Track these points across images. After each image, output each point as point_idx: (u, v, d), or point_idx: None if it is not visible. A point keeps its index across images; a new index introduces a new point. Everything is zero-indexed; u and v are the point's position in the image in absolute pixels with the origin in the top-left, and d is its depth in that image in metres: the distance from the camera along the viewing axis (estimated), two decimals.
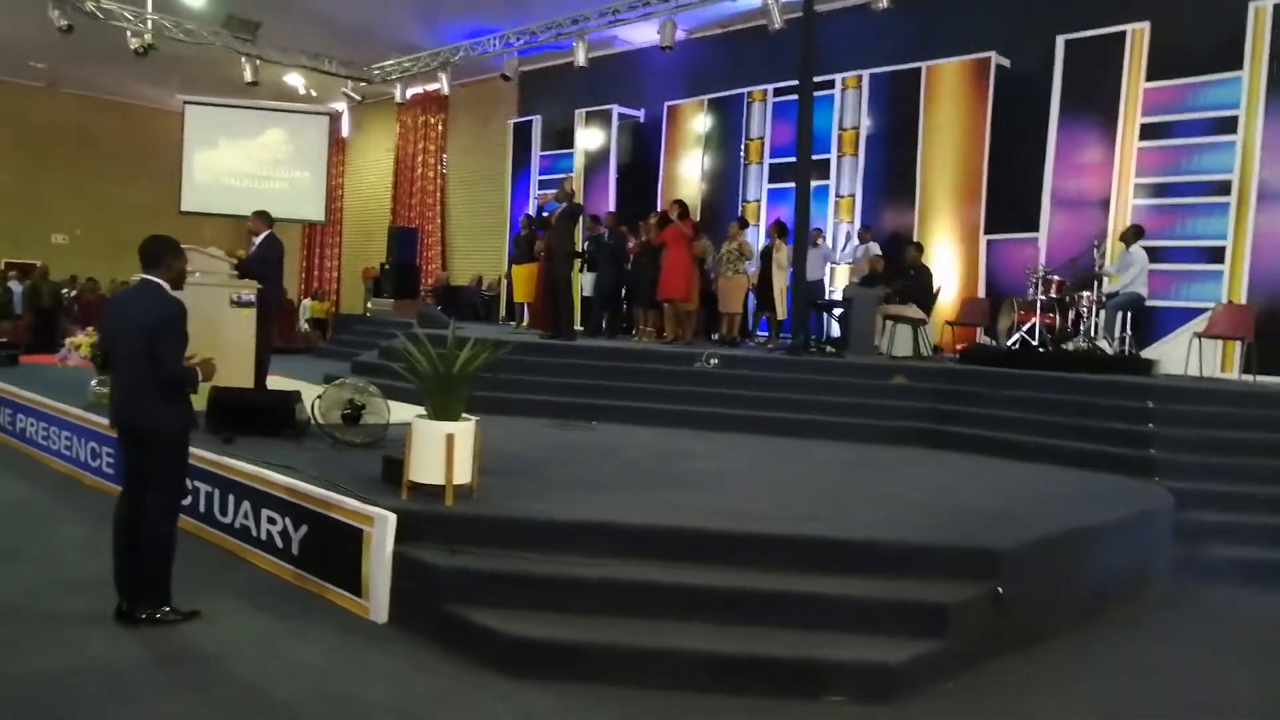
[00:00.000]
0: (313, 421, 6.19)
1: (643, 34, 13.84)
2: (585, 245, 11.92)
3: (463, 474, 4.43)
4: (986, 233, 11.05)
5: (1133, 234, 9.20)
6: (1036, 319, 9.26)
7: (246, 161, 18.44)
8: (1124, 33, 10.07)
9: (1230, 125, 9.40)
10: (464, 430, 4.42)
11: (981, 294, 10.98)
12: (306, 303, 19.03)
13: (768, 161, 13.05)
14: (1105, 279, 9.36)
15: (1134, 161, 9.98)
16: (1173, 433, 6.67)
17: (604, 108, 14.89)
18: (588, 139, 15.07)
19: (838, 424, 7.74)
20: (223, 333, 6.61)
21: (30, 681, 3.45)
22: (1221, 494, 6.18)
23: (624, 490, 5.11)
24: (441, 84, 16.02)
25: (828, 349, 9.54)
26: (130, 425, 3.97)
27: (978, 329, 10.70)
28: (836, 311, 11.31)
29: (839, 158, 12.32)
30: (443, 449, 4.32)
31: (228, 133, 18.49)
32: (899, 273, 10.91)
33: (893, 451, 7.21)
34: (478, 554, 4.12)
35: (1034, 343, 9.17)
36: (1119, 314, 9.19)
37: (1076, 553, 4.88)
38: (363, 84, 17.18)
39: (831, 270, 12.06)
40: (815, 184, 12.24)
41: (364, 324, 14.59)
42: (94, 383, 7.12)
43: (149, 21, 14.39)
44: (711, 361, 8.52)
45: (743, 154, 13.30)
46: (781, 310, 10.77)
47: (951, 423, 7.63)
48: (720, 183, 13.65)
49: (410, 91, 17.90)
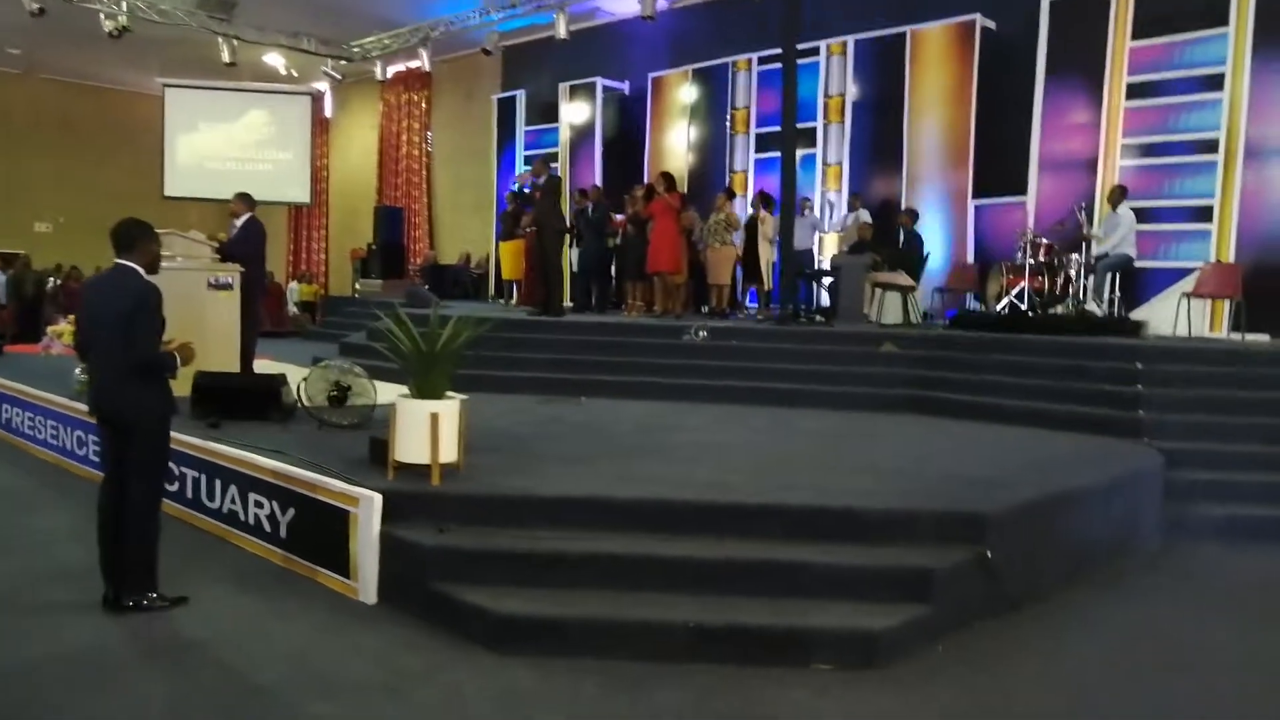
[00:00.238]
0: (299, 404, 6.16)
1: (625, 4, 13.67)
2: (572, 219, 11.82)
3: (448, 453, 4.40)
4: (974, 197, 11.00)
5: (1118, 194, 9.16)
6: (1025, 283, 9.24)
7: (229, 144, 18.26)
8: None
9: (1217, 83, 9.33)
10: (448, 409, 4.39)
11: (970, 259, 10.95)
12: (294, 285, 18.91)
13: (754, 131, 12.95)
14: (1094, 242, 9.33)
15: (1121, 122, 9.91)
16: (1161, 393, 6.68)
17: (588, 81, 14.74)
18: (572, 113, 14.94)
19: (827, 393, 7.75)
20: (204, 317, 6.56)
21: (16, 670, 3.44)
22: (1210, 453, 6.19)
23: (610, 464, 5.10)
24: (422, 60, 15.83)
25: (817, 318, 9.52)
26: (109, 413, 3.94)
27: (967, 294, 10.68)
28: (826, 281, 11.29)
29: (825, 126, 12.23)
30: (427, 428, 4.29)
31: (209, 115, 18.30)
32: (889, 240, 10.88)
33: (882, 419, 7.21)
34: (464, 532, 4.11)
35: (1023, 307, 9.17)
36: (1108, 276, 9.19)
37: (1064, 515, 4.89)
38: (343, 62, 16.97)
39: (820, 239, 12.01)
40: (802, 153, 12.15)
41: (353, 305, 14.52)
42: (78, 371, 7.06)
43: (123, 3, 14.17)
44: (700, 334, 8.50)
45: (729, 124, 13.19)
46: (768, 281, 10.73)
47: (941, 389, 7.63)
48: (707, 154, 13.55)
49: (392, 69, 17.71)
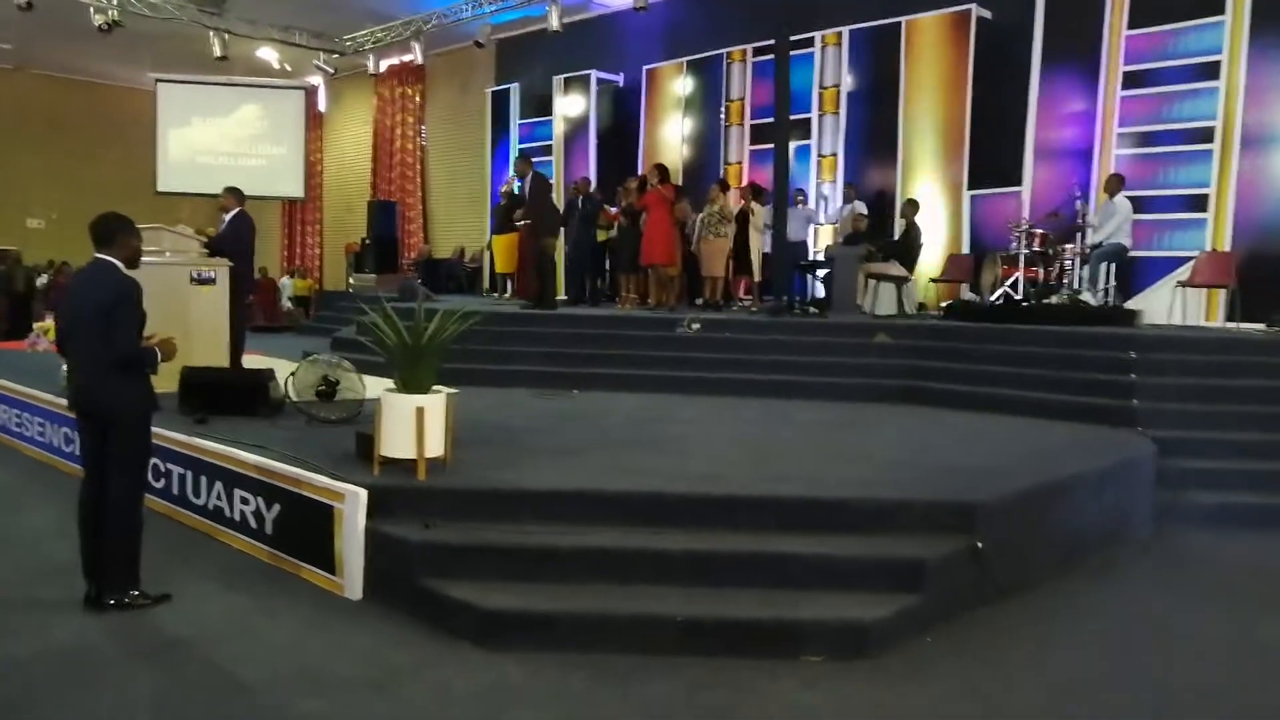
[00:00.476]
0: (287, 399, 6.11)
1: None
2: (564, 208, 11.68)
3: (434, 447, 4.36)
4: (970, 188, 10.95)
5: (1115, 184, 9.10)
6: (1020, 273, 9.20)
7: (222, 139, 18.17)
8: None
9: (1213, 71, 9.28)
10: (435, 403, 4.34)
11: (965, 250, 10.90)
12: (286, 280, 18.83)
13: (749, 123, 12.89)
14: (1089, 230, 9.29)
15: (1116, 111, 9.87)
16: (1155, 382, 6.66)
17: (582, 73, 14.66)
18: (567, 105, 14.86)
19: (821, 384, 7.71)
20: (190, 312, 6.50)
21: (1, 669, 3.40)
22: (1203, 441, 6.17)
23: (600, 457, 5.06)
24: (415, 53, 15.74)
25: (811, 309, 9.47)
26: (89, 408, 3.89)
27: (962, 285, 10.63)
28: (820, 272, 11.23)
29: (820, 116, 12.17)
30: (413, 423, 4.25)
31: (201, 110, 18.20)
32: (885, 230, 10.82)
33: (876, 410, 7.17)
34: (451, 527, 4.06)
35: (1017, 297, 9.12)
36: (1103, 265, 9.14)
37: (1056, 504, 4.86)
38: (335, 55, 16.86)
39: (815, 231, 11.96)
40: (797, 144, 12.12)
41: (347, 300, 14.48)
42: (64, 367, 7.01)
43: None
44: (694, 326, 8.45)
45: (723, 116, 13.12)
46: (758, 272, 10.67)
47: (935, 379, 7.60)
48: (702, 145, 13.48)
49: (386, 63, 17.60)
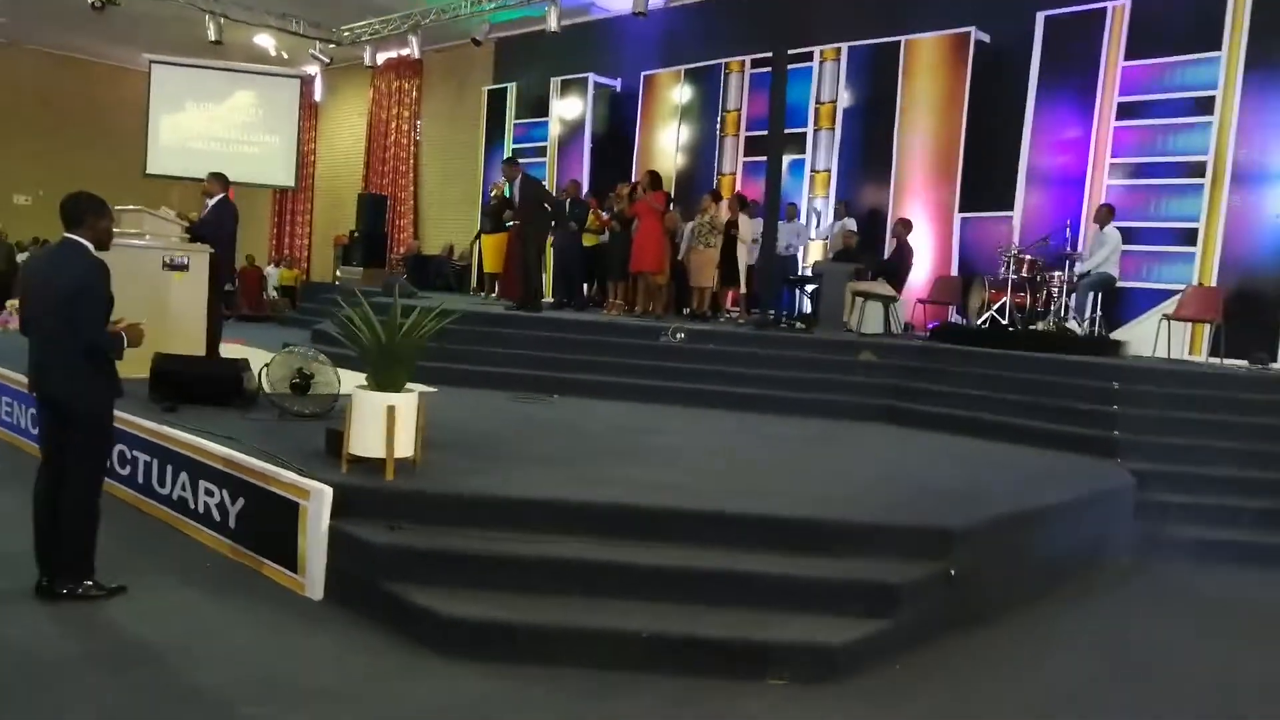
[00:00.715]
0: (261, 391, 6.01)
1: (620, 0, 13.54)
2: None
3: (404, 447, 4.28)
4: (961, 210, 10.93)
5: (1105, 214, 9.11)
6: (1007, 298, 9.19)
7: (214, 124, 18.00)
8: (1104, 9, 9.94)
9: (1207, 106, 9.30)
10: (406, 402, 4.26)
11: (954, 272, 10.88)
12: (272, 269, 18.67)
13: (744, 134, 12.85)
14: (1079, 259, 9.29)
15: (1110, 141, 9.89)
16: (1137, 414, 6.63)
17: (580, 76, 14.61)
18: (563, 108, 14.80)
19: (804, 400, 7.67)
20: (167, 298, 6.39)
21: None
22: (1183, 475, 6.15)
23: (574, 465, 4.99)
24: (412, 47, 15.65)
25: (797, 324, 9.43)
26: (49, 394, 3.77)
27: (949, 307, 10.62)
28: (809, 287, 11.20)
29: (815, 131, 12.14)
30: (383, 421, 4.17)
31: (195, 95, 18.03)
32: (876, 248, 10.79)
33: (857, 428, 7.13)
34: (417, 530, 3.98)
35: (1004, 322, 9.11)
36: (1090, 294, 9.14)
37: (1032, 532, 4.83)
38: (332, 46, 16.73)
39: (806, 246, 11.93)
40: (791, 158, 12.09)
41: (332, 292, 14.32)
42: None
43: None
44: (678, 335, 8.40)
45: (719, 126, 13.09)
46: (744, 284, 10.62)
47: (918, 400, 7.57)
48: (696, 155, 13.43)
49: (383, 56, 17.49)
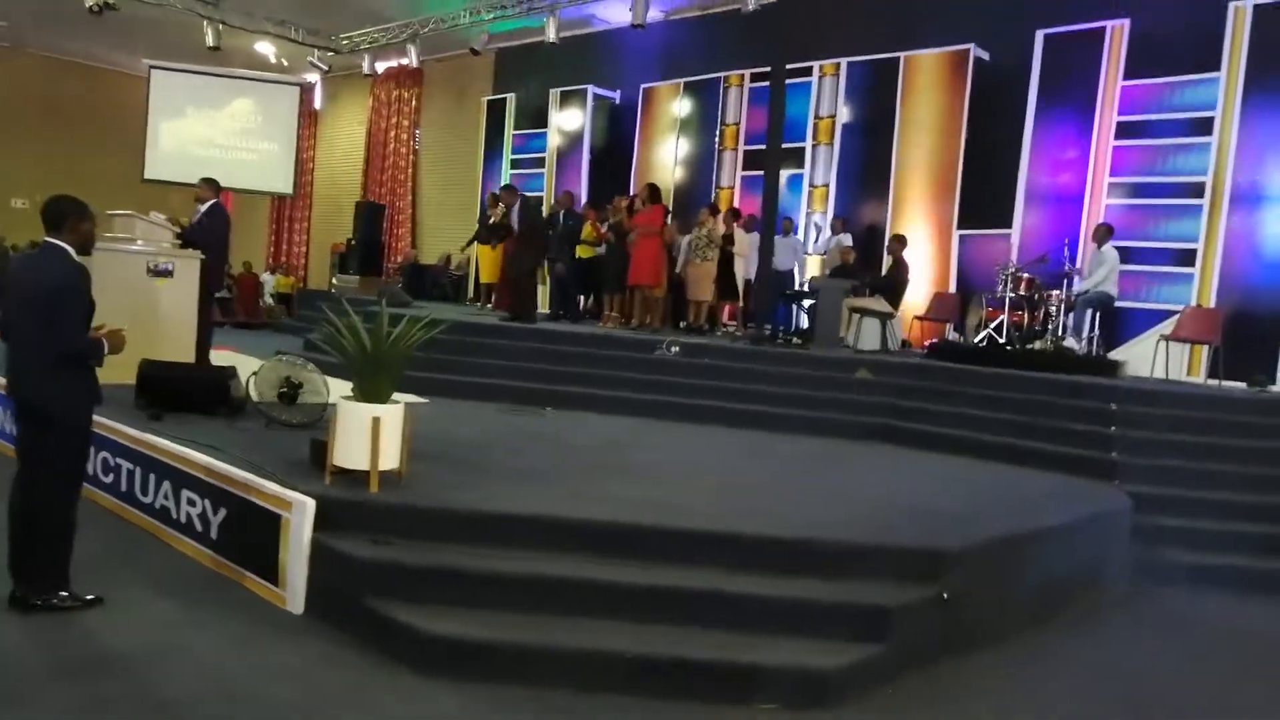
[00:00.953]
0: (249, 399, 5.94)
1: (620, 14, 13.54)
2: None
3: (390, 459, 4.20)
4: (959, 227, 10.90)
5: (1103, 233, 9.08)
6: (1005, 316, 9.14)
7: (213, 130, 17.97)
8: (1104, 29, 9.94)
9: (1206, 126, 9.28)
10: (392, 413, 4.19)
11: (952, 289, 10.84)
12: (269, 277, 18.60)
13: (742, 148, 12.83)
14: (1076, 278, 9.26)
15: (1109, 160, 9.86)
16: (1135, 435, 6.57)
17: (579, 88, 14.60)
18: (562, 119, 14.79)
19: (798, 417, 7.59)
20: (156, 304, 6.32)
21: None
22: (1180, 499, 6.08)
23: (563, 481, 4.91)
24: (410, 56, 15.66)
25: (794, 340, 9.37)
26: (27, 399, 3.69)
27: (947, 324, 10.57)
28: (806, 303, 11.15)
29: (814, 147, 12.11)
30: (368, 433, 4.09)
31: (195, 101, 18.01)
32: (874, 265, 10.75)
33: (852, 447, 7.06)
34: (399, 545, 3.90)
35: (1001, 340, 9.06)
36: (1088, 314, 9.10)
37: (1028, 555, 4.75)
38: (331, 53, 16.73)
39: (804, 261, 11.88)
40: (789, 173, 12.06)
41: (328, 300, 14.26)
42: None
43: None
44: (672, 349, 8.33)
45: (718, 140, 13.07)
46: (741, 298, 10.57)
47: (914, 419, 7.49)
48: (695, 168, 13.41)
49: (383, 65, 17.50)
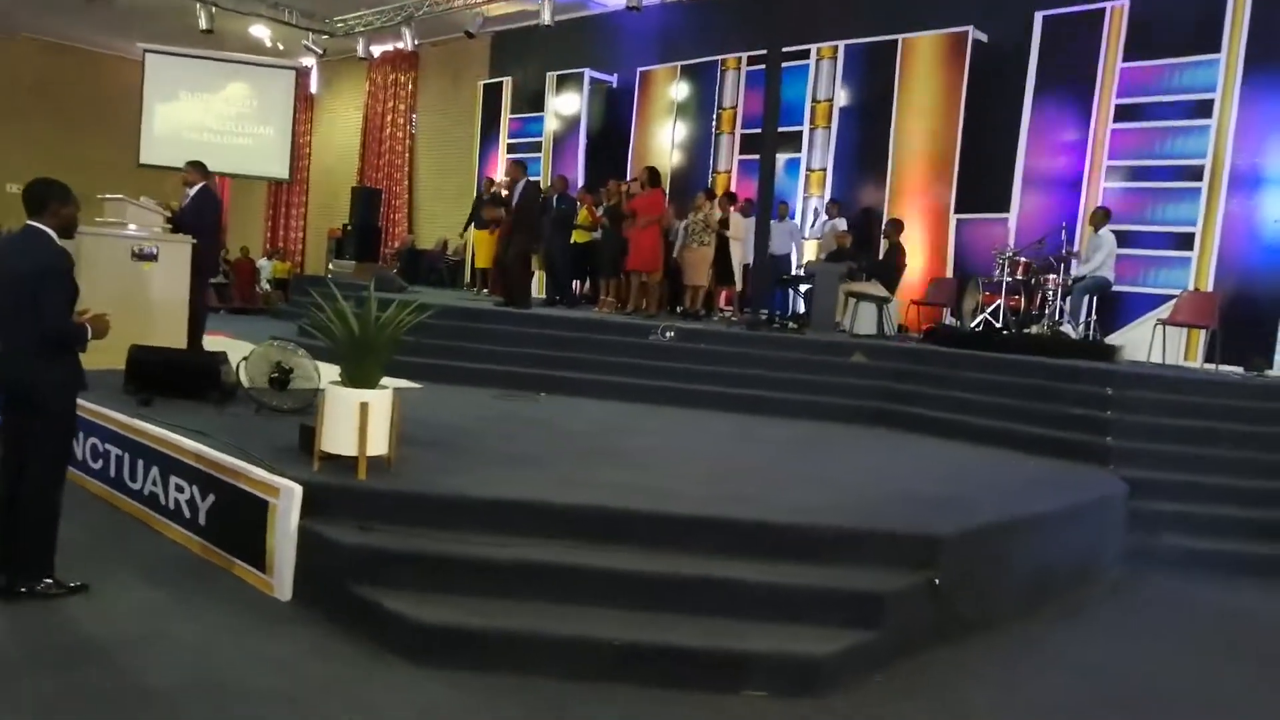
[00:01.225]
0: (240, 385, 5.91)
1: None
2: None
3: (378, 445, 4.17)
4: (957, 211, 10.83)
5: (1101, 217, 9.03)
6: (1001, 301, 9.10)
7: (208, 115, 17.86)
8: (1103, 10, 9.84)
9: (1206, 109, 9.20)
10: (380, 399, 4.16)
11: (949, 274, 10.79)
12: (264, 262, 18.53)
13: (739, 132, 12.74)
14: (1074, 262, 9.21)
15: (1107, 143, 9.79)
16: (1131, 420, 6.54)
17: (576, 71, 14.49)
18: (559, 103, 14.69)
19: (793, 401, 7.57)
20: (145, 288, 6.28)
21: None
22: (1176, 483, 6.06)
23: (555, 466, 4.88)
24: (405, 39, 15.54)
25: (790, 325, 9.33)
26: (11, 385, 3.66)
27: (944, 309, 10.53)
28: (803, 287, 11.10)
29: (811, 130, 12.03)
30: (356, 418, 4.06)
31: (190, 85, 17.89)
32: (868, 249, 10.70)
33: (847, 431, 7.04)
34: (388, 531, 3.88)
35: (997, 325, 9.02)
36: (1085, 298, 9.06)
37: (1023, 540, 4.72)
38: (325, 36, 16.60)
39: (801, 245, 11.83)
40: (786, 157, 11.99)
41: (324, 285, 14.20)
42: None
43: None
44: (668, 334, 8.30)
45: (714, 123, 12.98)
46: (739, 282, 10.51)
47: (909, 403, 7.47)
48: (692, 152, 13.33)
49: (379, 49, 17.38)
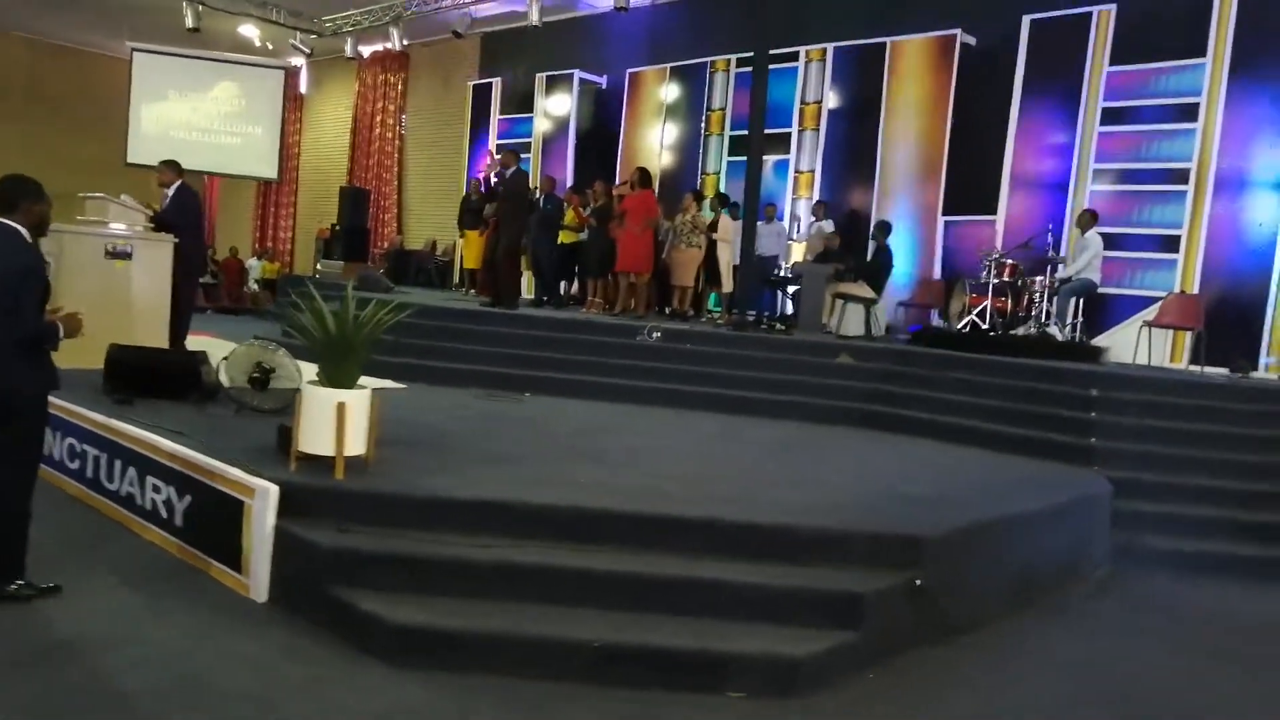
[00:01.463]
0: (221, 385, 5.86)
1: None
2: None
3: (356, 445, 4.14)
4: (945, 213, 10.86)
5: (1088, 219, 9.05)
6: (988, 302, 9.11)
7: (196, 114, 17.79)
8: (1090, 14, 9.89)
9: (1192, 113, 9.25)
10: (358, 399, 4.12)
11: (937, 275, 10.81)
12: (253, 262, 18.45)
13: (728, 133, 12.75)
14: (1060, 266, 9.23)
15: (1094, 146, 9.83)
16: (1115, 421, 6.55)
17: (565, 72, 14.48)
18: (548, 103, 14.67)
19: (779, 402, 7.55)
20: (125, 287, 6.22)
21: None
22: (1160, 484, 6.06)
23: (537, 467, 4.85)
24: (393, 39, 15.51)
25: (777, 326, 9.33)
26: None
27: (931, 310, 10.54)
28: (791, 289, 11.09)
29: (800, 132, 12.04)
30: (333, 418, 4.03)
31: (178, 84, 17.82)
32: (855, 251, 10.70)
33: (832, 431, 7.03)
34: (365, 532, 3.84)
35: (984, 326, 9.03)
36: (1071, 300, 9.08)
37: (1006, 541, 4.72)
38: (313, 36, 16.55)
39: (789, 247, 11.83)
40: (775, 158, 12.00)
41: (311, 285, 14.15)
42: None
43: None
44: (654, 335, 8.28)
45: (703, 125, 12.98)
46: (728, 284, 10.51)
47: (895, 404, 7.47)
48: (681, 153, 13.33)
49: (369, 49, 17.35)
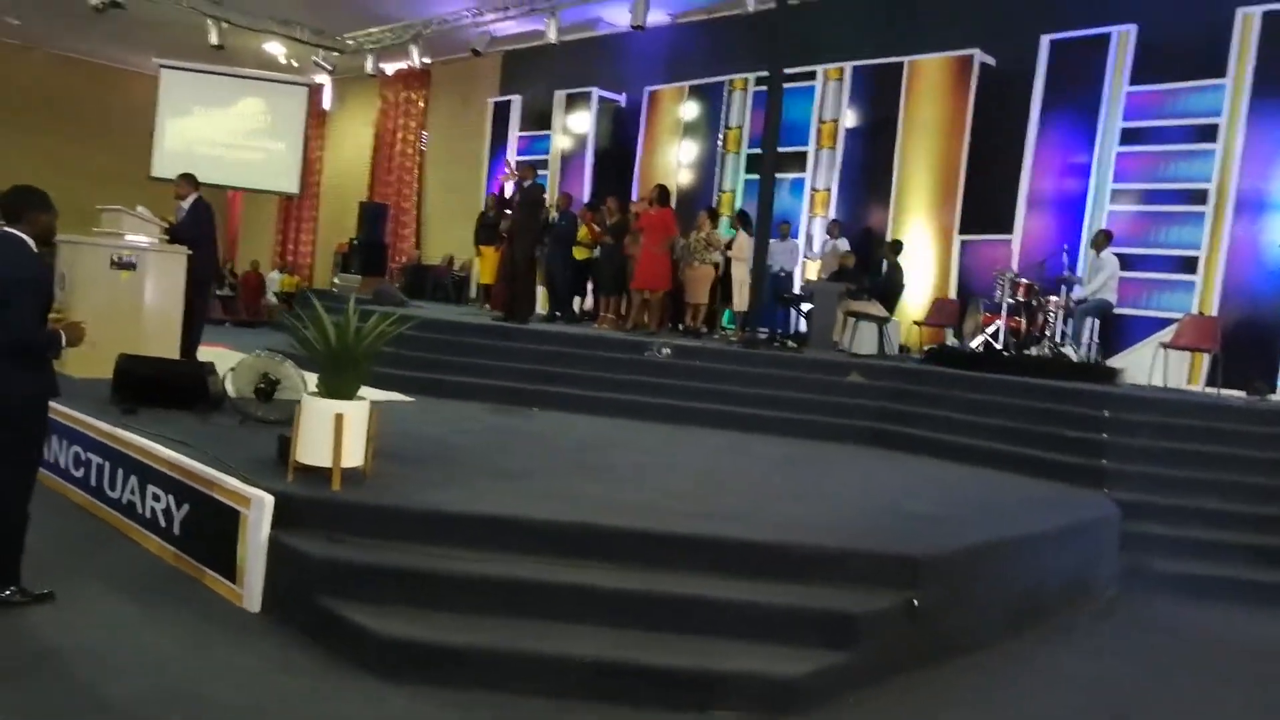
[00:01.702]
0: (227, 396, 5.90)
1: (626, 16, 13.51)
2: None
3: (353, 457, 4.15)
4: (961, 233, 10.79)
5: (1103, 239, 8.96)
6: (1002, 322, 9.02)
7: (220, 130, 18.04)
8: (1109, 35, 9.83)
9: (1211, 133, 9.16)
10: (356, 410, 4.13)
11: (953, 295, 10.73)
12: (274, 275, 18.65)
13: (745, 151, 12.76)
14: (1076, 286, 9.13)
15: (1112, 166, 9.75)
16: (1126, 443, 6.46)
17: (584, 90, 14.57)
18: (567, 121, 14.76)
19: (788, 420, 7.51)
20: (137, 299, 6.29)
21: None
22: (1171, 507, 5.97)
23: (541, 482, 4.83)
24: (413, 57, 15.70)
25: (789, 344, 9.29)
26: None
27: (946, 330, 10.46)
28: (805, 307, 11.06)
29: (817, 150, 12.03)
30: (331, 429, 4.04)
31: (203, 100, 18.09)
32: (868, 269, 10.66)
33: (839, 450, 6.98)
34: (360, 544, 3.84)
35: (998, 346, 8.94)
36: (1087, 320, 8.98)
37: (1007, 562, 4.65)
38: (336, 54, 16.78)
39: (804, 265, 11.79)
40: (791, 177, 12.00)
41: (327, 298, 14.25)
42: None
43: None
44: (664, 351, 8.26)
45: (720, 143, 13.01)
46: (740, 302, 10.49)
47: (905, 423, 7.40)
48: (698, 171, 13.35)
49: (392, 67, 17.56)
